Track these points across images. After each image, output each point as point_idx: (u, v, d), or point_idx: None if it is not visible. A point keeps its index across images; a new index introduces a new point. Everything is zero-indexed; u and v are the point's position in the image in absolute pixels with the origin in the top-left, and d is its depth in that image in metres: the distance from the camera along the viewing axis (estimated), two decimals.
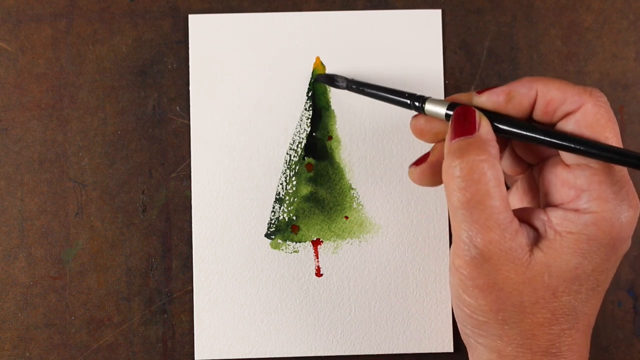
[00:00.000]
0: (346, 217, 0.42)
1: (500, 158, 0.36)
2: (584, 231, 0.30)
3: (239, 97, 0.43)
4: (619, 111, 0.43)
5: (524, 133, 0.32)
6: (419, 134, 0.36)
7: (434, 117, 0.35)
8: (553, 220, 0.31)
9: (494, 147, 0.31)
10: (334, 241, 0.42)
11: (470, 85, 0.43)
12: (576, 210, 0.31)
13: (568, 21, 0.43)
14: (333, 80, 0.41)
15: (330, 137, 0.43)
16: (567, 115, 0.31)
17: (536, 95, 0.32)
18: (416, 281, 0.42)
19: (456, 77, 0.43)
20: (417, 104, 0.36)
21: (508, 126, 0.32)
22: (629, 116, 0.43)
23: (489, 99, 0.32)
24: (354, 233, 0.42)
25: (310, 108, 0.43)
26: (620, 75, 0.43)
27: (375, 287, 0.42)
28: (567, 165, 0.32)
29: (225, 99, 0.43)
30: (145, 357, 0.42)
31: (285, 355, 0.42)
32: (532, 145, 0.34)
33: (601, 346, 0.42)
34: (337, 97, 0.43)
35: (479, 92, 0.33)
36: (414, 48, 0.43)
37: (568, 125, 0.31)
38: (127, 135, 0.43)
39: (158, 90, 0.43)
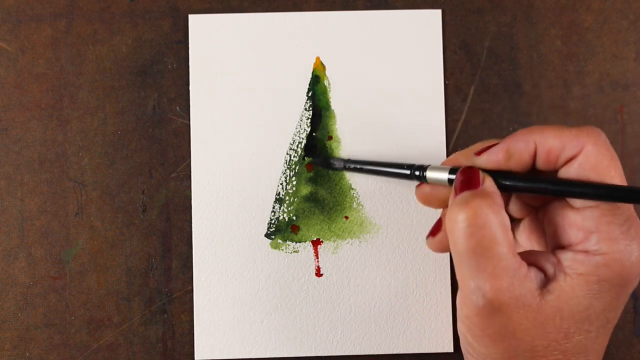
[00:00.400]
0: (346, 217, 0.42)
1: (507, 204, 0.35)
2: (595, 272, 0.30)
3: (239, 97, 0.43)
4: (619, 111, 0.43)
5: (530, 186, 0.31)
6: (426, 201, 0.36)
7: (437, 184, 0.35)
8: (563, 262, 0.31)
9: (498, 197, 0.31)
10: (334, 241, 0.42)
11: (470, 86, 0.43)
12: (586, 252, 0.30)
13: (568, 21, 0.43)
14: (329, 163, 0.41)
15: (330, 137, 0.43)
16: (569, 160, 0.31)
17: (535, 147, 0.31)
18: (416, 281, 0.42)
19: (456, 77, 0.43)
20: (417, 173, 0.36)
21: (512, 182, 0.32)
22: (629, 116, 0.43)
23: (489, 159, 0.32)
24: (354, 233, 0.42)
25: (310, 108, 0.43)
26: (620, 75, 0.43)
27: (375, 287, 0.42)
28: (574, 208, 0.31)
29: (225, 99, 0.43)
30: (145, 357, 0.42)
31: (285, 355, 0.42)
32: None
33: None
34: (337, 97, 0.43)
35: (478, 153, 0.33)
36: (414, 48, 0.43)
37: (571, 170, 0.31)
38: (127, 135, 0.43)
39: (158, 90, 0.43)
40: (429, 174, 0.35)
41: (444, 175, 0.34)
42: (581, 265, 0.30)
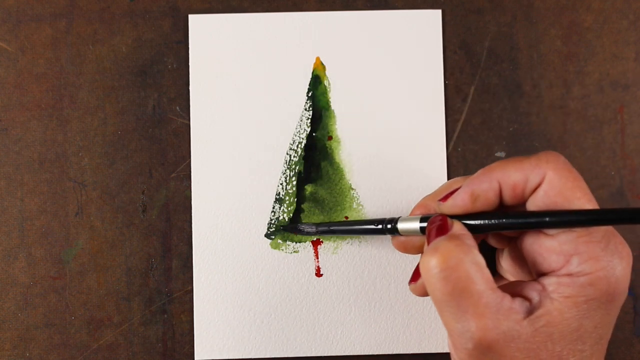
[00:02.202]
0: (346, 217, 0.42)
1: (486, 236, 0.35)
2: (581, 293, 0.30)
3: (239, 97, 0.43)
4: (619, 111, 0.43)
5: (499, 224, 0.31)
6: (404, 249, 0.36)
7: (410, 234, 0.36)
8: (548, 288, 0.31)
9: (468, 238, 0.31)
10: (334, 241, 0.42)
11: (470, 86, 0.43)
12: (569, 275, 0.30)
13: (568, 21, 0.43)
14: (299, 230, 0.42)
15: (330, 137, 0.43)
16: (534, 190, 0.31)
17: (499, 185, 0.31)
18: None
19: (456, 77, 0.43)
20: (389, 226, 0.37)
21: (481, 221, 0.32)
22: (629, 116, 0.43)
23: (454, 205, 0.32)
24: None
25: (310, 108, 0.43)
26: (620, 75, 0.43)
27: (375, 287, 0.42)
28: (548, 235, 0.31)
29: (225, 99, 0.43)
30: (145, 357, 0.42)
31: (285, 355, 0.42)
32: None
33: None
34: (337, 97, 0.43)
35: (442, 199, 0.33)
36: (414, 48, 0.43)
37: (538, 200, 0.31)
38: (127, 135, 0.43)
39: (158, 90, 0.43)
40: (401, 226, 0.36)
41: (416, 225, 0.35)
42: (567, 288, 0.30)
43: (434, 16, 0.43)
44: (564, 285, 0.30)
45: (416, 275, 0.35)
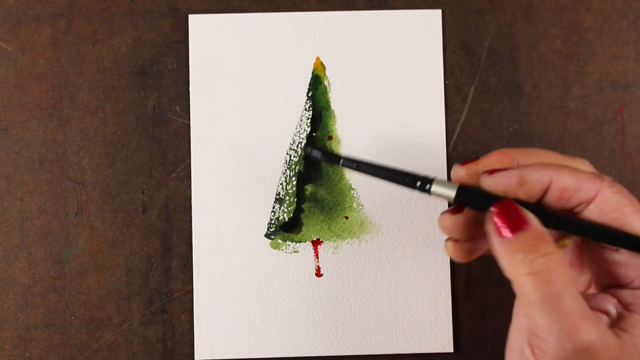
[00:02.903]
0: (346, 217, 0.42)
1: None
2: None
3: (239, 97, 0.43)
4: (619, 111, 0.43)
5: (580, 226, 0.31)
6: (455, 232, 0.34)
7: (443, 197, 0.34)
8: (624, 300, 0.30)
9: (550, 236, 0.30)
10: (334, 241, 0.42)
11: (470, 86, 0.43)
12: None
13: (568, 21, 0.43)
14: (332, 157, 0.38)
15: (330, 137, 0.43)
16: (582, 203, 0.31)
17: (550, 182, 0.31)
18: (416, 281, 0.42)
19: (456, 77, 0.43)
20: (419, 183, 0.34)
21: (549, 220, 0.31)
22: (629, 116, 0.43)
23: (500, 181, 0.31)
24: (354, 233, 0.42)
25: (310, 108, 0.43)
26: (620, 75, 0.43)
27: (375, 287, 0.42)
28: (614, 249, 0.31)
29: (225, 99, 0.43)
30: (145, 357, 0.42)
31: (285, 355, 0.42)
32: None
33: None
34: (337, 97, 0.43)
35: (488, 172, 0.32)
36: (414, 48, 0.43)
37: (593, 215, 0.31)
38: (127, 135, 0.43)
39: (158, 90, 0.43)
40: (435, 188, 0.34)
41: (452, 193, 0.33)
42: None
43: (434, 16, 0.43)
44: (638, 296, 0.30)
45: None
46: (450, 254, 0.34)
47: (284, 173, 0.42)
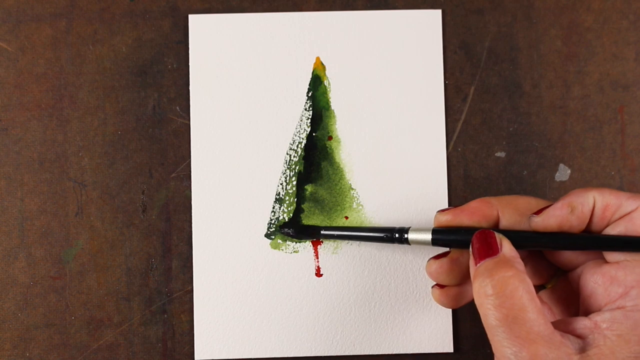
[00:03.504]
0: (346, 217, 0.42)
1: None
2: (634, 332, 0.30)
3: (239, 97, 0.43)
4: (619, 111, 0.43)
5: (565, 243, 0.32)
6: (442, 277, 0.36)
7: (421, 244, 0.36)
8: (600, 324, 0.31)
9: (519, 263, 0.32)
10: (334, 241, 0.42)
11: (470, 86, 0.43)
12: (623, 308, 0.30)
13: (568, 21, 0.43)
14: (304, 232, 0.41)
15: (330, 137, 0.43)
16: (625, 215, 0.32)
17: (594, 202, 0.32)
18: (416, 281, 0.42)
19: (456, 77, 0.43)
20: (397, 235, 0.37)
21: (529, 242, 0.33)
22: (629, 116, 0.43)
23: (552, 215, 0.32)
24: None
25: (310, 108, 0.43)
26: (620, 75, 0.43)
27: (375, 287, 0.42)
28: (613, 263, 0.32)
29: (225, 99, 0.43)
30: (145, 357, 0.42)
31: (285, 355, 0.42)
32: (566, 252, 0.34)
33: None
34: (337, 97, 0.43)
35: (536, 212, 0.33)
36: (414, 48, 0.43)
37: (618, 228, 0.32)
38: (127, 135, 0.43)
39: (158, 90, 0.43)
40: (412, 236, 0.36)
41: (427, 237, 0.35)
42: (619, 325, 0.30)
43: (434, 16, 0.43)
44: (617, 322, 0.30)
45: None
46: (436, 299, 0.37)
47: (284, 173, 0.42)
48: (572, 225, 0.32)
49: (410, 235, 0.36)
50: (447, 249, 0.37)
